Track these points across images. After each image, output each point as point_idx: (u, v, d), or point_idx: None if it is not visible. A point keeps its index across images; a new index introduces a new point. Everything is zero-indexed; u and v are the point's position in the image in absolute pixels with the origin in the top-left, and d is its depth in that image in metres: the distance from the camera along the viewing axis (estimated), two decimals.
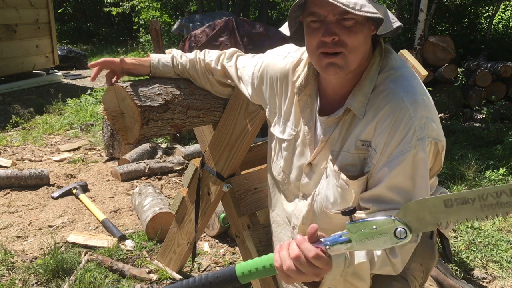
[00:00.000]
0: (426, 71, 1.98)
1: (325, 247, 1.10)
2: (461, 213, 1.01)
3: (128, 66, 1.72)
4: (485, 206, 0.99)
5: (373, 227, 1.06)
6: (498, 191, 0.97)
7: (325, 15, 1.21)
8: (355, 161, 1.32)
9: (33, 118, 5.78)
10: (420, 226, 1.05)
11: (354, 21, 1.21)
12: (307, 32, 1.28)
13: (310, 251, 1.09)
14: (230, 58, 1.75)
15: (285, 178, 1.55)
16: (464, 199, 1.00)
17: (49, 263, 2.46)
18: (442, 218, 1.03)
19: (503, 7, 10.36)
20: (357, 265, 1.21)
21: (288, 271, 1.11)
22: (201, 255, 2.77)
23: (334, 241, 1.10)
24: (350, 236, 1.08)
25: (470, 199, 1.00)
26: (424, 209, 1.04)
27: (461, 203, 1.01)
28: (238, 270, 1.16)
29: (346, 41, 1.22)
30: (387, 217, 1.05)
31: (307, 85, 1.43)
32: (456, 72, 6.13)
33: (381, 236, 1.05)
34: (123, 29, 15.50)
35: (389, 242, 1.06)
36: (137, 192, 3.26)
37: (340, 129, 1.35)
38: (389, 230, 1.05)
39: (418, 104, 1.24)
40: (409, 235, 1.04)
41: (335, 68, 1.25)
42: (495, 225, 3.11)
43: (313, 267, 1.10)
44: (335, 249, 1.10)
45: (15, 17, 7.24)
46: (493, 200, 0.98)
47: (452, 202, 1.01)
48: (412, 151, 1.21)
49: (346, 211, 1.08)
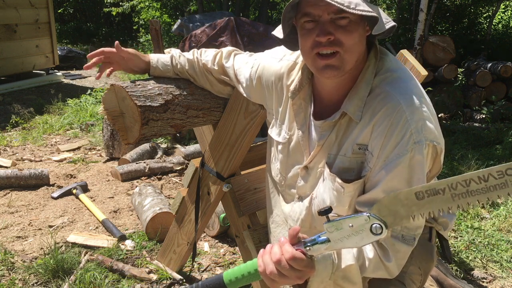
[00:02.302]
0: (426, 71, 1.97)
1: (305, 248, 1.11)
2: (433, 204, 1.01)
3: (124, 54, 1.71)
4: (455, 196, 0.99)
5: (349, 225, 1.06)
6: (466, 179, 0.97)
7: (319, 15, 1.20)
8: (352, 165, 1.31)
9: (33, 118, 5.78)
10: (394, 220, 1.05)
11: (349, 20, 1.20)
12: (301, 33, 1.26)
13: (287, 252, 1.10)
14: (227, 57, 1.74)
15: (282, 179, 1.55)
16: (434, 190, 1.00)
17: (49, 263, 2.46)
18: (415, 210, 1.03)
19: (503, 7, 10.36)
20: (347, 268, 1.20)
21: (271, 275, 1.11)
22: (201, 255, 2.77)
23: (313, 241, 1.11)
24: (328, 236, 1.09)
25: (441, 190, 1.00)
26: (396, 203, 1.04)
27: (432, 194, 1.01)
28: (226, 277, 1.18)
29: (342, 40, 1.20)
30: (361, 214, 1.06)
31: (301, 89, 1.41)
32: (456, 72, 6.13)
33: (358, 234, 1.06)
34: (123, 29, 15.50)
35: (366, 239, 1.06)
36: (137, 192, 3.26)
37: (336, 133, 1.33)
38: (365, 227, 1.05)
39: (414, 106, 1.23)
40: (385, 230, 1.05)
41: (332, 70, 1.24)
42: (495, 225, 3.11)
43: (294, 270, 1.10)
44: (315, 249, 1.10)
45: (15, 17, 7.24)
46: (463, 189, 0.98)
47: (423, 194, 1.02)
48: (408, 154, 1.20)
49: (322, 211, 1.09)
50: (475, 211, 3.28)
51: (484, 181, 0.95)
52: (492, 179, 0.95)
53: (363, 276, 1.24)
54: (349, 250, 1.22)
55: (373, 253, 1.24)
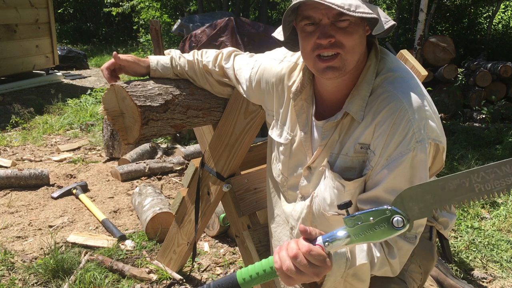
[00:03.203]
0: (426, 71, 1.97)
1: (323, 244, 1.08)
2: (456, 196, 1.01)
3: (121, 62, 1.72)
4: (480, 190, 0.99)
5: (370, 218, 1.05)
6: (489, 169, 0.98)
7: (320, 18, 1.21)
8: (354, 164, 1.32)
9: (33, 118, 5.78)
10: (417, 213, 1.05)
11: (349, 22, 1.20)
12: (302, 36, 1.26)
13: (304, 246, 1.08)
14: (227, 58, 1.74)
15: (284, 180, 1.55)
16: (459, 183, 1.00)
17: (49, 263, 2.46)
18: (438, 203, 1.03)
19: (503, 7, 10.37)
20: (358, 266, 1.20)
21: (288, 271, 1.09)
22: (201, 255, 2.77)
23: (332, 237, 1.08)
24: (348, 231, 1.07)
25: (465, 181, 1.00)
26: (419, 195, 1.04)
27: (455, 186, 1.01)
28: (239, 277, 1.14)
29: (343, 42, 1.21)
30: (382, 207, 1.05)
31: (303, 90, 1.42)
32: (456, 72, 6.13)
33: (379, 228, 1.05)
34: (123, 29, 15.51)
35: (387, 233, 1.05)
36: (137, 192, 3.26)
37: (338, 132, 1.34)
38: (386, 220, 1.04)
39: (417, 105, 1.24)
40: (406, 224, 1.04)
41: (333, 71, 1.24)
42: (495, 225, 3.11)
43: (312, 265, 1.08)
44: (335, 245, 1.08)
45: (15, 17, 7.24)
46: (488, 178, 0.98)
47: (447, 186, 1.01)
48: (410, 153, 1.21)
49: (342, 204, 1.07)
50: (475, 211, 3.28)
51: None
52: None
53: (371, 273, 1.25)
54: (362, 248, 1.22)
55: (380, 251, 1.25)
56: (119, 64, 1.73)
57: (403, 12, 9.05)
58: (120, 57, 1.71)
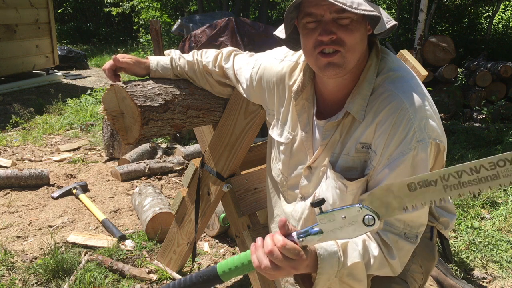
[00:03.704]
0: (426, 71, 1.97)
1: (298, 239, 1.12)
2: (425, 195, 1.02)
3: (121, 65, 1.73)
4: (447, 187, 0.99)
5: (341, 216, 1.07)
6: (458, 170, 0.97)
7: (321, 15, 1.21)
8: (355, 164, 1.32)
9: (33, 118, 5.78)
10: (387, 211, 1.06)
11: (351, 20, 1.21)
12: (303, 33, 1.27)
13: (278, 241, 1.10)
14: (227, 58, 1.74)
15: (284, 180, 1.55)
16: (426, 181, 1.01)
17: (49, 263, 2.46)
18: (407, 201, 1.04)
19: (503, 7, 10.37)
20: (353, 265, 1.20)
21: (266, 269, 1.12)
22: (201, 255, 2.77)
23: (306, 233, 1.11)
24: (321, 227, 1.10)
25: (433, 181, 1.00)
26: (388, 195, 1.05)
27: (424, 185, 1.01)
28: (219, 269, 1.20)
29: (344, 39, 1.21)
30: (354, 206, 1.06)
31: (304, 89, 1.42)
32: (456, 72, 6.13)
33: (351, 225, 1.07)
34: (123, 29, 15.51)
35: (359, 230, 1.07)
36: (137, 192, 3.26)
37: (340, 132, 1.34)
38: (357, 218, 1.06)
39: (417, 105, 1.24)
40: (377, 222, 1.05)
41: (334, 68, 1.24)
42: (495, 225, 3.11)
43: (287, 259, 1.10)
44: (308, 240, 1.11)
45: (15, 17, 7.24)
46: (455, 180, 0.98)
47: (416, 186, 1.02)
48: (411, 152, 1.21)
49: (314, 202, 1.09)
50: (475, 211, 3.28)
51: (476, 172, 0.96)
52: (484, 170, 0.95)
53: (368, 273, 1.25)
54: (355, 248, 1.23)
55: (378, 250, 1.24)
56: (119, 67, 1.74)
57: (403, 12, 9.05)
58: (120, 60, 1.72)
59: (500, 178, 0.94)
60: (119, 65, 1.72)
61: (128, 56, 1.76)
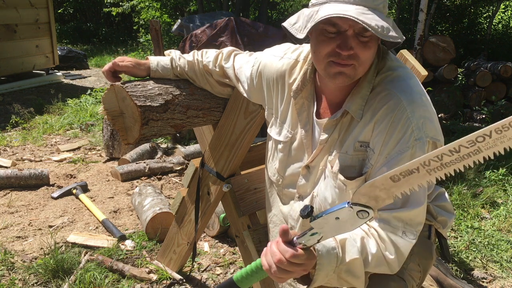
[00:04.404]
0: (426, 71, 1.97)
1: (299, 244, 1.13)
2: (410, 182, 1.03)
3: (121, 69, 1.73)
4: (431, 170, 1.00)
5: (335, 217, 1.07)
6: (438, 154, 0.98)
7: (345, 29, 1.20)
8: (354, 163, 1.32)
9: (33, 118, 5.78)
10: (377, 203, 1.07)
11: (370, 37, 1.21)
12: (320, 39, 1.25)
13: (286, 252, 1.12)
14: (227, 58, 1.74)
15: (280, 179, 1.55)
16: (408, 170, 1.01)
17: (49, 263, 2.46)
18: (395, 191, 1.05)
19: (503, 7, 10.36)
20: (351, 262, 1.21)
21: (276, 274, 1.14)
22: (201, 255, 2.77)
23: (306, 236, 1.12)
24: (317, 231, 1.10)
25: (415, 169, 1.01)
26: (374, 190, 1.06)
27: (407, 174, 1.02)
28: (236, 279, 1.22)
29: (360, 55, 1.22)
30: (343, 206, 1.06)
31: (304, 88, 1.42)
32: (456, 72, 6.13)
33: (347, 222, 1.07)
34: (123, 29, 15.50)
35: (357, 223, 1.08)
36: (137, 192, 3.27)
37: (338, 131, 1.35)
38: (351, 215, 1.06)
39: (415, 104, 1.25)
40: (371, 212, 1.06)
41: (344, 78, 1.25)
42: (495, 225, 3.11)
43: (296, 265, 1.12)
44: (310, 243, 1.12)
45: (15, 17, 7.24)
46: (437, 163, 0.98)
47: (398, 176, 1.03)
48: (409, 151, 1.22)
49: (304, 214, 1.09)
50: (475, 211, 3.28)
51: (456, 152, 0.96)
52: (463, 149, 0.95)
53: (366, 270, 1.25)
54: (353, 244, 1.23)
55: (376, 248, 1.24)
56: (118, 71, 1.75)
57: (403, 12, 9.04)
58: (120, 64, 1.72)
59: (483, 152, 0.94)
60: (119, 70, 1.73)
61: (128, 59, 1.76)
